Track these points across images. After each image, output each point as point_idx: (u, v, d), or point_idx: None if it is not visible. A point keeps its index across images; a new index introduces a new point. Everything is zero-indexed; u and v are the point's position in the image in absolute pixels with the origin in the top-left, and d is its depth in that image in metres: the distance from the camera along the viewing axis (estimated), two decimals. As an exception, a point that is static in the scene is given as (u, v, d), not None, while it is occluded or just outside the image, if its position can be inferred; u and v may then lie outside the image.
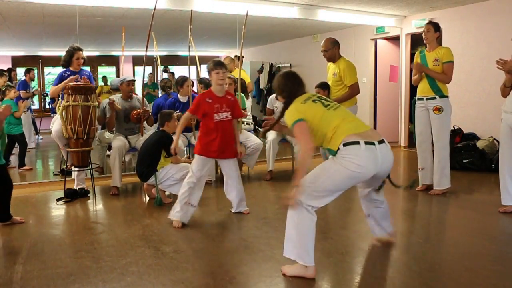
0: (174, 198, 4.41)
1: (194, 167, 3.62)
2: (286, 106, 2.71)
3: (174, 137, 3.74)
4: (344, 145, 2.44)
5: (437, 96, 4.35)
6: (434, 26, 4.37)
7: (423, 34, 4.42)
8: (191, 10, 5.12)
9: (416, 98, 4.54)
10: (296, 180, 2.43)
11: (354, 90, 4.69)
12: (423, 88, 4.42)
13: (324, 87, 4.87)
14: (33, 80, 8.70)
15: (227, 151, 3.70)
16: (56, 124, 4.70)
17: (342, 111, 2.65)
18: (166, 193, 4.43)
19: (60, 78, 4.57)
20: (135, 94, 5.35)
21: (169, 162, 4.30)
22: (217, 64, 3.59)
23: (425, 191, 4.58)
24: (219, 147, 3.61)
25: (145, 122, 4.98)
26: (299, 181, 2.43)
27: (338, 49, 4.79)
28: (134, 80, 4.98)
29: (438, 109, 4.34)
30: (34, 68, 8.93)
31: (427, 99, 4.40)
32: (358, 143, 2.43)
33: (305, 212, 2.49)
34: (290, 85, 2.75)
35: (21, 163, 6.15)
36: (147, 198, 4.62)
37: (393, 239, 3.06)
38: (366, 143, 2.44)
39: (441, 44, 4.46)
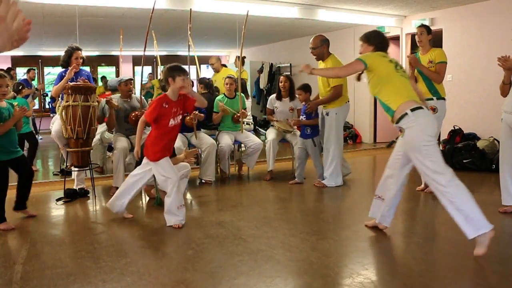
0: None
1: (170, 172, 3.57)
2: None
3: (136, 143, 3.74)
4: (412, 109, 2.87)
5: (434, 98, 4.41)
6: (427, 29, 4.46)
7: (416, 37, 4.51)
8: (190, 9, 5.12)
9: None
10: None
11: (336, 92, 4.71)
12: (421, 89, 4.42)
13: (306, 89, 4.93)
14: (33, 80, 8.70)
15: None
16: (56, 124, 4.70)
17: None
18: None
19: (61, 78, 4.57)
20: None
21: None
22: (181, 70, 3.57)
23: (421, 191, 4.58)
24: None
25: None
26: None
27: (327, 47, 4.80)
28: (132, 79, 4.96)
29: (433, 110, 4.36)
30: (34, 68, 8.93)
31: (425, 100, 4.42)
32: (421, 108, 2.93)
33: (454, 188, 2.73)
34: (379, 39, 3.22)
35: (31, 163, 6.07)
36: (147, 198, 4.62)
37: (384, 228, 3.25)
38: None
39: (434, 46, 4.53)
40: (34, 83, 11.50)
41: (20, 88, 6.29)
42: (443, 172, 2.80)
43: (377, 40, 3.21)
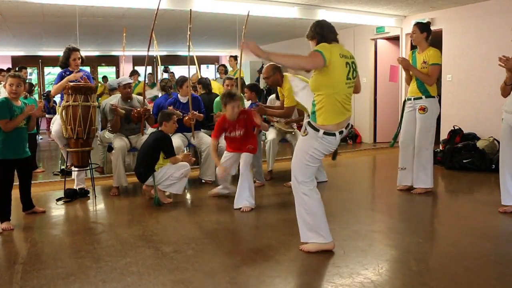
0: (174, 198, 4.42)
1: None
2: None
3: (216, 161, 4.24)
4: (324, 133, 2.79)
5: (423, 96, 4.36)
6: (420, 27, 4.34)
7: (410, 36, 4.48)
8: (190, 10, 5.12)
9: (406, 98, 4.57)
10: (270, 53, 2.69)
11: (288, 111, 4.77)
12: (412, 88, 4.45)
13: (252, 88, 5.00)
14: (26, 79, 8.67)
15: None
16: (56, 124, 4.70)
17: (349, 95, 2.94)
18: (166, 193, 4.43)
19: (61, 78, 4.57)
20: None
21: (168, 162, 4.30)
22: (229, 97, 4.12)
23: (406, 191, 4.58)
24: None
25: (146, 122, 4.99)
26: (269, 53, 2.69)
27: (280, 73, 4.69)
28: (130, 83, 4.95)
29: (423, 109, 4.34)
30: (25, 66, 8.91)
31: (414, 99, 4.43)
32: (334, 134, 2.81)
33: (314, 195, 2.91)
34: (326, 31, 3.13)
35: (34, 166, 6.01)
36: (147, 198, 4.63)
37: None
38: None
39: (433, 46, 4.44)
40: (34, 82, 11.52)
41: (32, 88, 6.30)
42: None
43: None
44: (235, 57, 7.34)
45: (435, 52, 4.32)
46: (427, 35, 4.35)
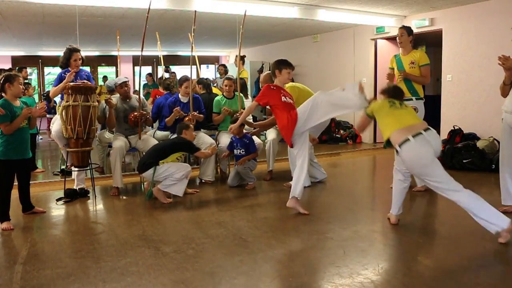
0: (174, 198, 4.41)
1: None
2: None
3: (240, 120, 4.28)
4: (399, 145, 3.08)
5: (413, 98, 4.52)
6: (407, 30, 4.57)
7: (397, 38, 4.63)
8: (195, 11, 5.11)
9: None
10: None
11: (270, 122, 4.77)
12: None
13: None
14: (26, 79, 8.67)
15: None
16: (56, 124, 4.70)
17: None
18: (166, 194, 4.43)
19: (60, 79, 4.57)
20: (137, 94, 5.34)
21: (171, 160, 4.33)
22: (287, 64, 4.05)
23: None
24: None
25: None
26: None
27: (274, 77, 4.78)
28: (126, 81, 4.93)
29: (414, 109, 4.45)
30: (25, 66, 8.91)
31: (404, 100, 4.51)
32: (408, 140, 3.07)
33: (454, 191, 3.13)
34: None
35: (33, 166, 6.02)
36: (147, 198, 4.63)
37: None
38: (414, 136, 3.07)
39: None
40: (35, 83, 11.54)
41: (28, 87, 6.31)
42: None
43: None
44: (242, 57, 7.33)
45: (423, 53, 4.57)
46: (412, 38, 4.61)
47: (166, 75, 10.39)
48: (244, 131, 5.11)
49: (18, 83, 3.66)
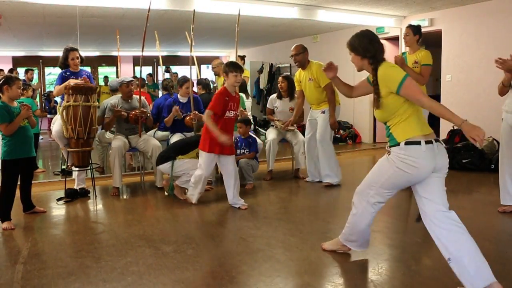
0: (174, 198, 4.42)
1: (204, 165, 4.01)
2: (375, 67, 2.48)
3: (216, 133, 3.89)
4: (406, 143, 2.37)
5: None
6: (413, 29, 4.50)
7: (403, 37, 4.58)
8: (194, 10, 5.12)
9: None
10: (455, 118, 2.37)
11: (331, 89, 4.76)
12: None
13: (246, 122, 5.07)
14: (31, 80, 8.70)
15: (228, 148, 4.00)
16: (56, 124, 4.71)
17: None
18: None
19: (61, 78, 4.57)
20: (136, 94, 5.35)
21: (190, 157, 4.45)
22: (235, 66, 3.94)
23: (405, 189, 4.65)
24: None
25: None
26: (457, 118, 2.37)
27: (308, 55, 4.88)
28: (133, 81, 4.99)
29: None
30: (33, 68, 8.93)
31: None
32: (419, 143, 2.37)
33: (370, 208, 2.65)
34: (375, 44, 2.57)
35: (34, 165, 6.03)
36: (147, 198, 4.64)
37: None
38: (427, 142, 2.40)
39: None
40: (34, 82, 11.50)
41: (26, 88, 6.32)
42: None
43: (375, 47, 2.64)
44: (241, 57, 7.33)
45: (427, 53, 4.46)
46: (419, 38, 4.53)
47: (167, 75, 10.40)
48: (250, 132, 5.16)
49: (17, 86, 3.66)
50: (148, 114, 5.00)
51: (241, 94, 5.63)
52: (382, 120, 2.52)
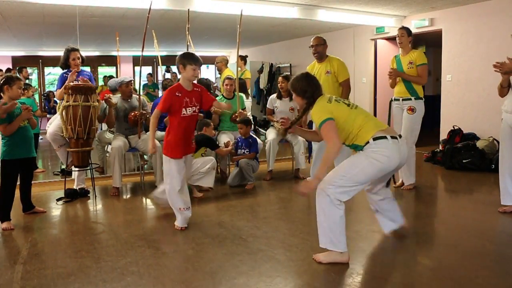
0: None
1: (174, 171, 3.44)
2: (308, 106, 2.86)
3: (150, 137, 3.49)
4: (374, 139, 2.66)
5: (412, 98, 4.55)
6: (407, 31, 4.59)
7: (397, 38, 4.64)
8: (188, 10, 5.13)
9: (393, 98, 4.73)
10: (319, 174, 2.68)
11: (348, 86, 4.78)
12: (400, 90, 4.63)
13: (247, 123, 5.06)
14: (27, 79, 8.67)
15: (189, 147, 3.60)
16: (52, 125, 4.69)
17: (363, 110, 2.88)
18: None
19: (62, 79, 4.56)
20: (135, 94, 5.35)
21: (197, 157, 4.47)
22: (194, 59, 3.40)
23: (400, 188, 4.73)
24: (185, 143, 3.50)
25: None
26: (321, 174, 2.67)
27: (327, 48, 4.89)
28: (132, 81, 4.98)
29: (412, 110, 4.54)
30: (25, 66, 8.92)
31: (403, 99, 4.61)
32: (385, 137, 2.67)
33: (333, 206, 2.67)
34: (313, 86, 2.87)
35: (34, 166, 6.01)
36: (147, 198, 4.63)
37: (405, 224, 3.24)
38: (392, 137, 2.70)
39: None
40: (35, 83, 11.52)
41: (27, 87, 6.32)
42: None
43: (312, 89, 2.85)
44: (243, 57, 7.33)
45: (420, 53, 4.57)
46: (412, 39, 4.63)
47: (168, 75, 10.40)
48: (250, 133, 5.16)
49: (17, 87, 3.65)
50: (148, 116, 4.97)
51: (241, 94, 5.65)
52: (344, 141, 2.80)
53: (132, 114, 4.78)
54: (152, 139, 3.44)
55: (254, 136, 5.19)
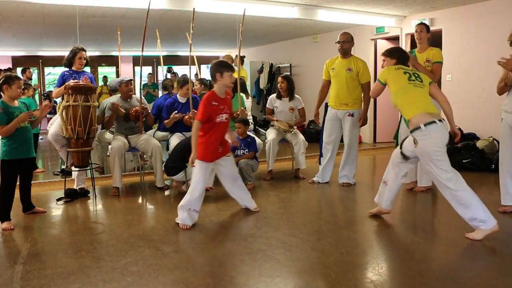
0: (174, 198, 4.42)
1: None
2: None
3: (192, 149, 3.52)
4: (425, 125, 3.15)
5: None
6: (426, 27, 4.52)
7: (415, 34, 4.55)
8: (193, 9, 5.11)
9: None
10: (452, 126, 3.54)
11: (369, 88, 4.76)
12: None
13: (245, 123, 5.05)
14: (31, 79, 8.68)
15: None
16: (54, 126, 4.68)
17: (422, 90, 3.34)
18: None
19: (62, 78, 4.55)
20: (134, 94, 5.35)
21: None
22: (228, 66, 3.59)
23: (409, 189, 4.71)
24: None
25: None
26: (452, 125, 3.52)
27: (353, 45, 4.93)
28: (132, 80, 4.98)
29: None
30: (29, 67, 8.92)
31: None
32: (435, 122, 3.18)
33: (460, 192, 3.19)
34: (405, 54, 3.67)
35: (34, 166, 6.00)
36: (147, 198, 4.63)
37: (387, 211, 3.64)
38: (439, 120, 3.23)
39: (433, 46, 4.57)
40: (35, 82, 11.50)
41: (28, 88, 6.32)
42: (451, 176, 3.22)
43: (398, 54, 3.64)
44: (240, 57, 7.32)
45: (438, 51, 4.45)
46: (430, 36, 4.55)
47: (169, 75, 10.41)
48: (250, 133, 5.16)
49: (17, 86, 3.64)
50: (149, 112, 5.01)
51: (241, 94, 5.64)
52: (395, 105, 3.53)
53: (134, 109, 4.80)
54: (194, 151, 3.48)
55: (252, 135, 5.18)
